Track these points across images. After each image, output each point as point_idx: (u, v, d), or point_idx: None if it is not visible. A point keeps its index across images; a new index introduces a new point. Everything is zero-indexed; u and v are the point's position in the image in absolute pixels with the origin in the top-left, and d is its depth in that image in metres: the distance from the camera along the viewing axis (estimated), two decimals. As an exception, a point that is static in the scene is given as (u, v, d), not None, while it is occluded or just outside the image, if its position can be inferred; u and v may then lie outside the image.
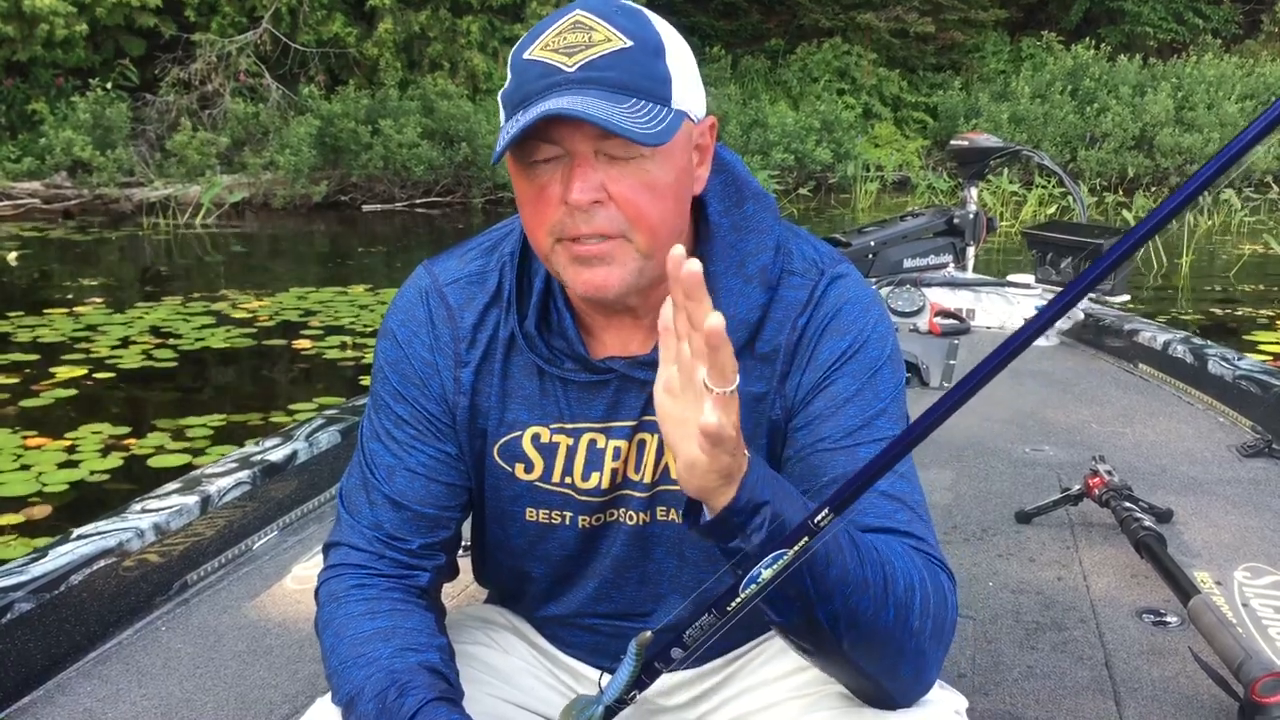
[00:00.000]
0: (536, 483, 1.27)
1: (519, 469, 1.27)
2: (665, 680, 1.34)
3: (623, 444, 1.24)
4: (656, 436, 1.23)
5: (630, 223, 1.11)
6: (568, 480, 1.26)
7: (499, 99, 1.15)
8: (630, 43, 1.09)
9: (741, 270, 1.21)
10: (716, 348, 0.89)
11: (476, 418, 1.28)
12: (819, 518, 0.93)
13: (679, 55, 1.14)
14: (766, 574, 0.93)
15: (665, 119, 1.08)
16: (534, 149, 1.10)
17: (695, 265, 0.89)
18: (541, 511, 1.29)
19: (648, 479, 1.25)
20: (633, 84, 1.08)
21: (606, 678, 1.28)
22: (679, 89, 1.12)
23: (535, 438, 1.26)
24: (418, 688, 1.12)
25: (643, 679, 0.99)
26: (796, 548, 0.93)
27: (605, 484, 1.25)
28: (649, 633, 0.97)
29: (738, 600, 0.94)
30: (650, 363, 1.20)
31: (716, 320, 0.88)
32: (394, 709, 1.11)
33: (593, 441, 1.25)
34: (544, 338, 1.24)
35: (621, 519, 1.28)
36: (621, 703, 1.00)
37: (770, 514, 0.98)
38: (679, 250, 0.90)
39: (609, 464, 1.25)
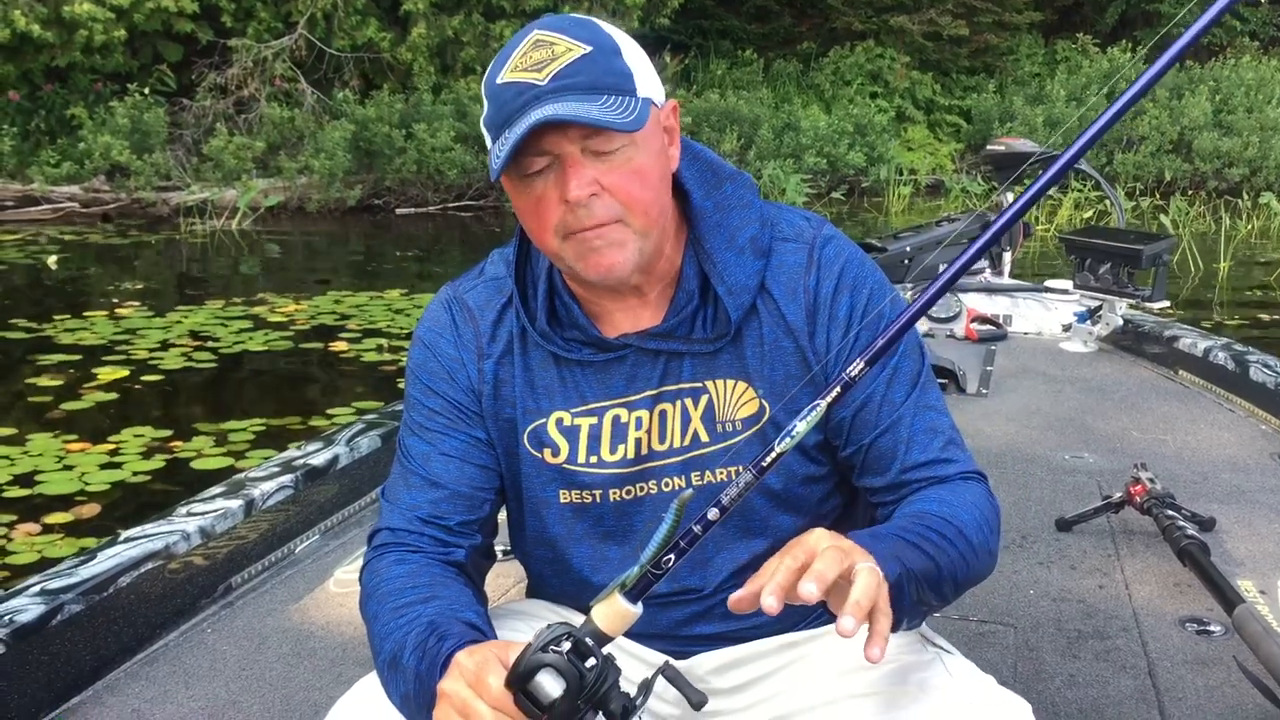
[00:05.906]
0: (564, 465, 1.36)
1: (547, 454, 1.36)
2: (717, 658, 1.37)
3: (644, 414, 1.33)
4: (679, 405, 1.33)
5: (625, 208, 1.22)
6: (593, 459, 1.34)
7: (482, 125, 1.25)
8: (589, 48, 1.21)
9: (733, 244, 1.33)
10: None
11: (503, 408, 1.37)
12: (853, 370, 1.04)
13: (633, 52, 1.25)
14: (801, 426, 0.99)
15: (636, 108, 1.20)
16: (527, 163, 1.21)
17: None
18: (574, 492, 1.36)
19: (677, 444, 1.33)
20: (600, 83, 1.19)
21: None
22: (640, 80, 1.23)
23: (559, 422, 1.35)
24: (455, 635, 1.16)
25: (680, 543, 0.99)
26: (829, 398, 1.01)
27: (631, 454, 1.34)
28: (690, 491, 1.01)
29: (774, 455, 0.98)
30: (661, 334, 1.33)
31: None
32: (433, 652, 1.14)
33: (616, 417, 1.34)
34: (557, 332, 1.35)
35: (654, 490, 1.34)
36: (658, 568, 0.99)
37: (903, 570, 1.12)
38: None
39: (632, 434, 1.34)
